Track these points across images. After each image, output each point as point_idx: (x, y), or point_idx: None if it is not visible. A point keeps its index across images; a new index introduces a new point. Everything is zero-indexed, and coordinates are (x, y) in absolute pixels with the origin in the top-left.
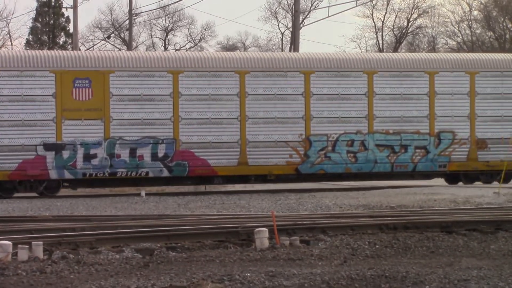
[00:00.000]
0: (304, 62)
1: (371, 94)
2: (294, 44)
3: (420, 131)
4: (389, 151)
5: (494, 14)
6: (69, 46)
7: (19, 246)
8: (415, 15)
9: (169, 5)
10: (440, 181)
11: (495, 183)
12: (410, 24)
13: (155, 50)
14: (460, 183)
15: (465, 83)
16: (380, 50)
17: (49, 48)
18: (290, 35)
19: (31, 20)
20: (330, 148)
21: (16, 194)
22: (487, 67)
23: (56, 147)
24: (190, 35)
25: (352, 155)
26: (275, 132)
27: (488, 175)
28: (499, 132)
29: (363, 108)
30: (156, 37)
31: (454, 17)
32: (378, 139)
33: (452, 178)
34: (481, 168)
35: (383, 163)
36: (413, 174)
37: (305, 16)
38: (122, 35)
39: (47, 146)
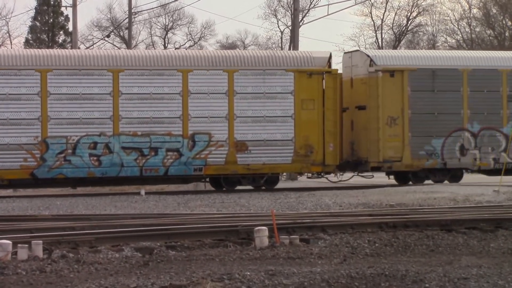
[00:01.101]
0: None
1: (116, 94)
2: (294, 42)
3: (172, 133)
4: (137, 154)
5: (493, 12)
6: (68, 45)
7: (19, 245)
8: (414, 13)
9: (169, 3)
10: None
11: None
12: (409, 22)
13: (154, 48)
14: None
15: (223, 82)
16: (380, 48)
17: (48, 47)
18: (289, 33)
19: (30, 19)
20: (70, 151)
21: (15, 193)
22: (247, 65)
23: None
24: (190, 34)
25: (95, 158)
26: (6, 134)
27: (250, 179)
28: (260, 134)
29: (107, 108)
30: (156, 36)
31: (454, 15)
32: (124, 142)
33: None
34: (241, 172)
35: (130, 167)
36: (169, 178)
37: (304, 14)
38: (121, 34)
39: None
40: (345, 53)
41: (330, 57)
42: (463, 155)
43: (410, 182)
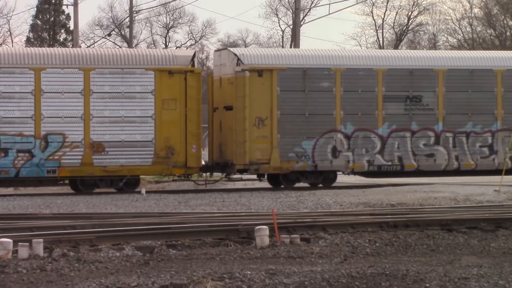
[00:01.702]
0: None
1: None
2: (295, 41)
3: (23, 133)
4: None
5: (494, 11)
6: (69, 44)
7: (20, 243)
8: (415, 13)
9: (169, 2)
10: (440, 179)
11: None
12: (410, 21)
13: (155, 47)
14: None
15: (79, 80)
16: (381, 48)
17: (49, 45)
18: (290, 33)
19: (31, 17)
20: None
21: (16, 192)
22: (104, 64)
23: None
24: (191, 33)
25: None
26: None
27: (108, 181)
28: (118, 135)
29: None
30: (157, 35)
31: (455, 15)
32: None
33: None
34: (98, 174)
35: None
36: (22, 180)
37: (305, 13)
38: (122, 33)
39: None
40: (215, 51)
41: (194, 55)
42: (335, 157)
43: (282, 186)
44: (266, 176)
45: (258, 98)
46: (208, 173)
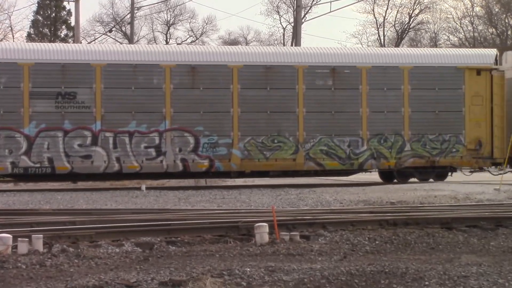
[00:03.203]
0: None
1: None
2: (296, 39)
3: None
4: None
5: (496, 10)
6: (70, 40)
7: (19, 239)
8: (416, 11)
9: None
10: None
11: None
12: (412, 19)
13: (156, 44)
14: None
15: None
16: (382, 46)
17: (50, 41)
18: (292, 30)
19: (32, 13)
20: None
21: (15, 187)
22: None
23: None
24: (192, 29)
25: None
26: None
27: None
28: None
29: None
30: (158, 31)
31: (456, 13)
32: None
33: None
34: None
35: None
36: None
37: (307, 11)
38: (123, 29)
39: None
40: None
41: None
42: None
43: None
44: None
45: None
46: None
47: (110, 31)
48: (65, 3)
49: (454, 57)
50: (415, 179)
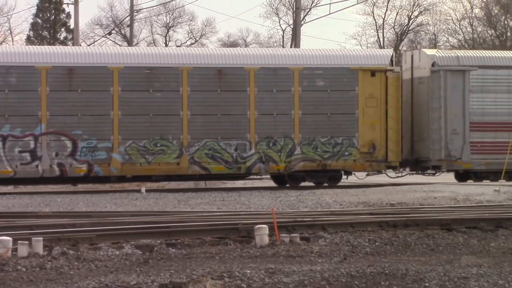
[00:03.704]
0: None
1: None
2: (295, 41)
3: None
4: None
5: (495, 12)
6: (69, 42)
7: (19, 242)
8: (416, 13)
9: (169, 1)
10: (440, 178)
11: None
12: (411, 21)
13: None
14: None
15: None
16: (381, 47)
17: (49, 44)
18: (291, 32)
19: (32, 16)
20: None
21: (16, 190)
22: None
23: None
24: (191, 32)
25: None
26: None
27: None
28: None
29: None
30: (157, 34)
31: (456, 15)
32: None
33: None
34: None
35: None
36: None
37: (306, 13)
38: (122, 32)
39: None
40: None
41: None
42: None
43: None
44: None
45: None
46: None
47: (110, 33)
48: (64, 6)
49: (347, 58)
50: (416, 180)
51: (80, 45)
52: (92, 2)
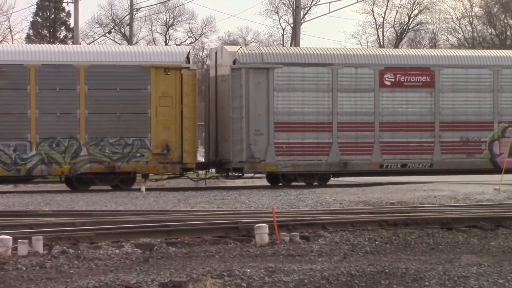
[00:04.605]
0: None
1: None
2: (295, 39)
3: None
4: None
5: (495, 10)
6: (69, 41)
7: (19, 240)
8: (416, 11)
9: (169, 0)
10: (440, 178)
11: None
12: (411, 20)
13: (155, 45)
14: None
15: None
16: (381, 46)
17: (48, 43)
18: (291, 31)
19: (31, 15)
20: None
21: (16, 189)
22: None
23: None
24: (191, 30)
25: None
26: None
27: None
28: None
29: None
30: (157, 32)
31: (455, 14)
32: None
33: None
34: None
35: None
36: None
37: (306, 11)
38: (122, 31)
39: None
40: None
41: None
42: None
43: None
44: None
45: None
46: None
47: (109, 32)
48: (64, 5)
49: (138, 54)
50: (417, 179)
51: (80, 44)
52: (92, 0)
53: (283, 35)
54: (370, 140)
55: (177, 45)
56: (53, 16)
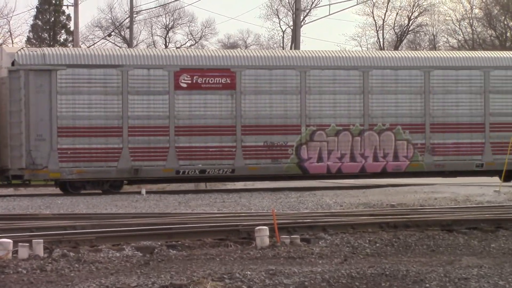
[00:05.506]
0: None
1: None
2: (295, 42)
3: None
4: None
5: (495, 12)
6: (69, 44)
7: (20, 244)
8: (416, 13)
9: (169, 3)
10: (440, 180)
11: (496, 181)
12: (411, 22)
13: (155, 48)
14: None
15: None
16: (381, 48)
17: (49, 46)
18: (291, 33)
19: (32, 18)
20: None
21: (16, 192)
22: None
23: None
24: (191, 33)
25: None
26: None
27: None
28: None
29: None
30: (157, 35)
31: (455, 15)
32: None
33: None
34: None
35: None
36: None
37: (306, 14)
38: (122, 33)
39: None
40: None
41: None
42: None
43: None
44: None
45: None
46: None
47: (110, 35)
48: (64, 8)
49: None
50: (416, 181)
51: (80, 47)
52: (92, 3)
53: (283, 37)
54: (164, 145)
55: (176, 47)
56: (53, 19)
